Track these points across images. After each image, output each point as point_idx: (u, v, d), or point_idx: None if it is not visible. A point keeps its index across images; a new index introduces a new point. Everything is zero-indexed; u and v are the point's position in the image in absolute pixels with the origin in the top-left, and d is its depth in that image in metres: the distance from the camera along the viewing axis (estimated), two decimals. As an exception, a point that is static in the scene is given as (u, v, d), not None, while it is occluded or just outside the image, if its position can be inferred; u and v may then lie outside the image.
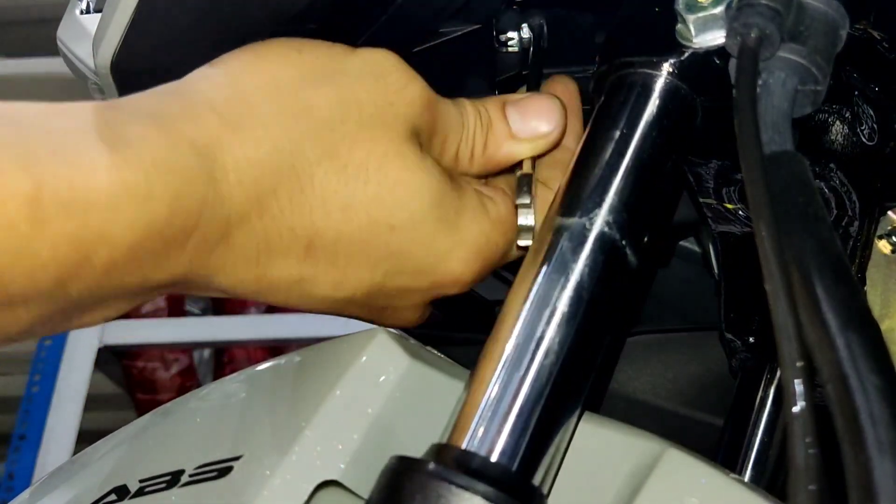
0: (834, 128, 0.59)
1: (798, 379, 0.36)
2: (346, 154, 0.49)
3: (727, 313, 0.64)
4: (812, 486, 0.35)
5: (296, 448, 0.48)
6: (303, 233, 0.48)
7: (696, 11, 0.50)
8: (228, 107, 0.47)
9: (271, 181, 0.47)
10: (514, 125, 0.56)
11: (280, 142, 0.47)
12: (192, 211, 0.44)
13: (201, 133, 0.45)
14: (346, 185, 0.49)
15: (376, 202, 0.49)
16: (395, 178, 0.50)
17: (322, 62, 0.51)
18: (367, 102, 0.50)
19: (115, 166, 0.42)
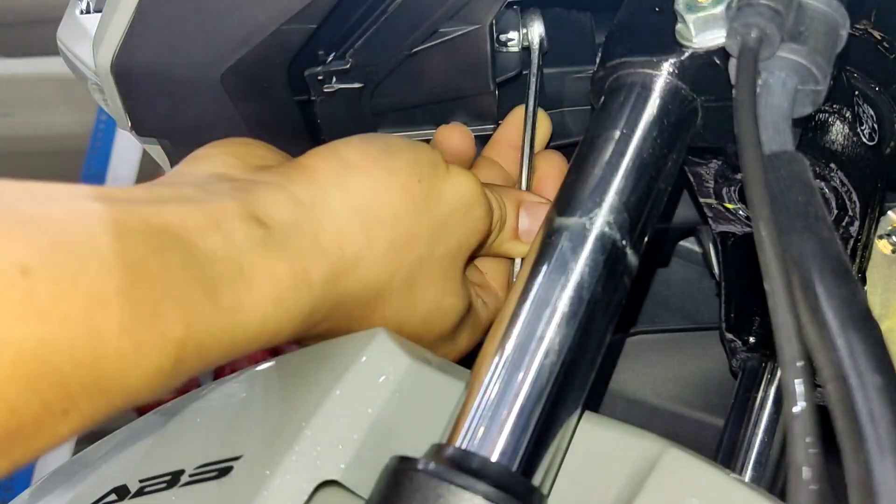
0: (834, 128, 0.59)
1: (798, 379, 0.36)
2: (420, 286, 0.54)
3: (727, 313, 0.64)
4: (812, 486, 0.35)
5: (296, 448, 0.48)
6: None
7: (696, 11, 0.50)
8: (353, 241, 0.50)
9: (355, 306, 0.51)
10: (522, 227, 0.60)
11: (381, 277, 0.51)
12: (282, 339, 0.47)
13: (323, 269, 0.48)
14: (408, 310, 0.54)
15: (421, 324, 0.55)
16: (443, 309, 0.55)
17: (430, 190, 0.53)
18: (453, 238, 0.54)
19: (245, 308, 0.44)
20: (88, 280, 0.38)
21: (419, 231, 0.53)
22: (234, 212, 0.46)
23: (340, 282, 0.49)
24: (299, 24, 0.56)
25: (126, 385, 0.39)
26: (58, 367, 0.37)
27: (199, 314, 0.42)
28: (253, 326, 0.44)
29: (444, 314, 0.56)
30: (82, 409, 0.38)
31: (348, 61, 0.62)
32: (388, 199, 0.52)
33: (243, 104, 0.61)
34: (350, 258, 0.50)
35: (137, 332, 0.39)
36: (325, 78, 0.62)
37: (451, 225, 0.54)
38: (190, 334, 0.41)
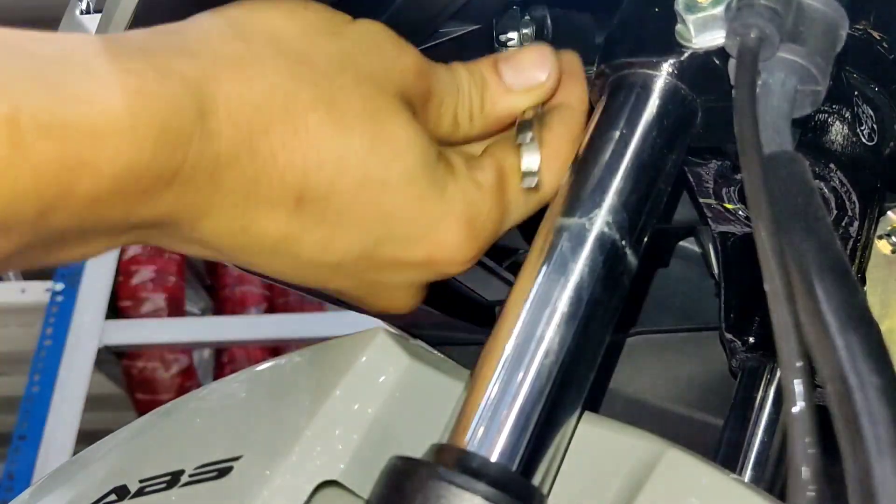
0: (834, 128, 0.59)
1: (798, 379, 0.36)
2: (342, 102, 0.48)
3: (727, 313, 0.64)
4: (812, 486, 0.35)
5: (296, 448, 0.48)
6: (294, 182, 0.46)
7: (696, 12, 0.50)
8: (225, 45, 0.46)
9: (264, 121, 0.45)
10: (507, 79, 0.55)
11: (276, 82, 0.46)
12: (180, 144, 0.42)
13: (193, 67, 0.44)
14: (341, 133, 0.47)
15: (371, 154, 0.48)
16: (389, 132, 0.49)
17: (324, 22, 0.50)
18: (364, 63, 0.49)
19: (97, 94, 0.40)
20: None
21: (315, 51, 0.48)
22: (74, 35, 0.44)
23: (225, 83, 0.44)
24: (299, 24, 0.56)
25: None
26: None
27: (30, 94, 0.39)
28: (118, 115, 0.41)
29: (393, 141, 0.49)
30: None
31: (348, 61, 0.62)
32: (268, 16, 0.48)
33: (243, 104, 0.61)
34: (229, 60, 0.45)
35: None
36: (325, 78, 0.62)
37: (360, 55, 0.50)
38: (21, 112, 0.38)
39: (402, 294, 0.53)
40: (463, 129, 0.55)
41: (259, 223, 0.47)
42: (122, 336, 2.74)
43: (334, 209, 0.48)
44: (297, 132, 0.46)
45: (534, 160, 0.53)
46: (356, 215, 0.48)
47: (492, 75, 0.55)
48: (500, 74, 0.55)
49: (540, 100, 0.56)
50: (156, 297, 2.95)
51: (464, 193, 0.51)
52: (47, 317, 2.67)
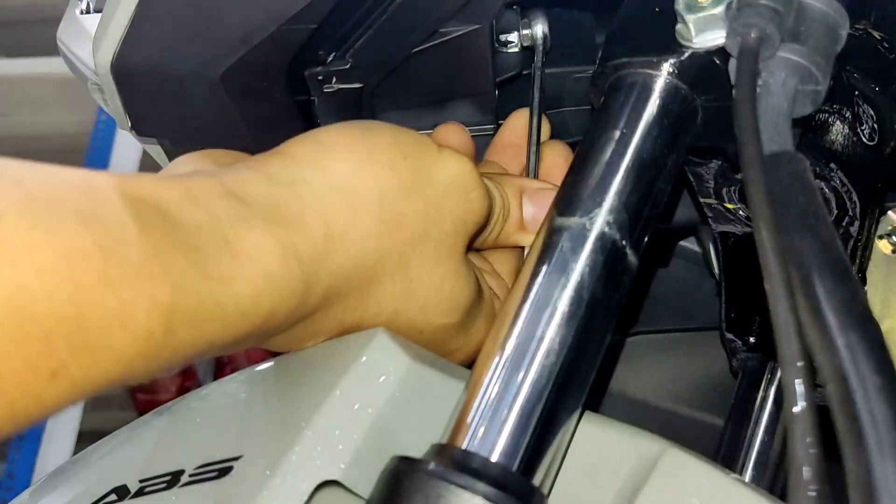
0: (834, 128, 0.59)
1: (798, 379, 0.36)
2: (416, 269, 0.52)
3: (727, 313, 0.64)
4: (812, 486, 0.35)
5: (296, 448, 0.48)
6: (348, 324, 0.51)
7: (696, 11, 0.50)
8: (338, 218, 0.49)
9: (348, 288, 0.50)
10: (526, 216, 0.60)
11: (371, 255, 0.50)
12: (280, 319, 0.46)
13: (310, 245, 0.47)
14: (404, 296, 0.52)
15: (421, 311, 0.53)
16: (445, 294, 0.54)
17: (418, 169, 0.52)
18: (447, 220, 0.53)
19: (235, 280, 0.43)
20: (64, 232, 0.37)
21: (409, 209, 0.51)
22: (211, 188, 0.45)
23: (330, 258, 0.48)
24: (299, 24, 0.56)
25: (115, 348, 0.38)
26: (37, 318, 0.36)
27: (186, 279, 0.41)
28: (246, 300, 0.44)
29: (446, 299, 0.54)
30: (72, 372, 0.37)
31: (348, 61, 0.62)
32: (372, 176, 0.51)
33: (243, 104, 0.61)
34: (337, 234, 0.49)
35: (122, 291, 0.38)
36: (325, 78, 0.62)
37: (445, 206, 0.53)
38: (178, 300, 0.40)
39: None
40: (475, 244, 0.59)
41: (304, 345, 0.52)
42: (122, 336, 2.73)
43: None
44: (370, 295, 0.51)
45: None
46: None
47: (516, 210, 0.59)
48: (521, 208, 0.60)
49: None
50: (156, 297, 2.94)
51: (484, 327, 0.57)
52: (47, 317, 2.67)
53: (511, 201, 0.59)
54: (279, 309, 0.46)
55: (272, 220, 0.46)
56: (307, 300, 0.47)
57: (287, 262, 0.46)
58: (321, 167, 0.50)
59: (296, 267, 0.46)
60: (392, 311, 0.52)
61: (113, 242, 0.39)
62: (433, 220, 0.52)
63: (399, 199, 0.51)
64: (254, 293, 0.44)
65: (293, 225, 0.47)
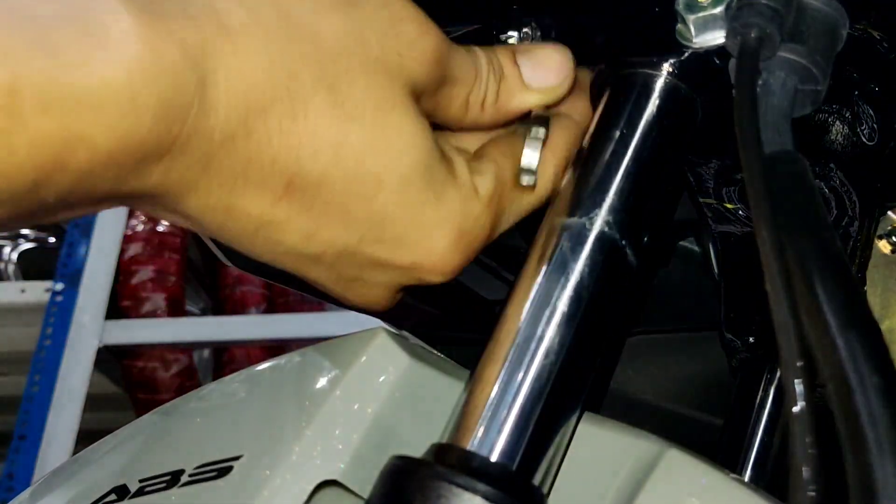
0: (834, 128, 0.59)
1: (798, 379, 0.36)
2: (345, 89, 0.45)
3: (727, 313, 0.64)
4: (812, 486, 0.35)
5: (296, 448, 0.48)
6: (286, 167, 0.45)
7: (696, 11, 0.50)
8: (230, 13, 0.43)
9: (263, 100, 0.43)
10: (525, 74, 0.54)
11: (279, 60, 0.44)
12: (177, 118, 0.41)
13: (195, 34, 0.41)
14: (340, 121, 0.45)
15: (369, 148, 0.46)
16: (393, 129, 0.46)
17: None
18: (374, 44, 0.47)
19: (98, 61, 0.38)
20: None
21: (324, 26, 0.46)
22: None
23: (228, 56, 0.42)
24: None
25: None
26: None
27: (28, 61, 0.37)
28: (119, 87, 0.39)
29: (396, 138, 0.47)
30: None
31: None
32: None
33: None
34: (233, 30, 0.43)
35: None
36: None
37: (373, 33, 0.47)
38: (20, 81, 0.36)
39: (379, 293, 0.51)
40: (471, 117, 0.53)
41: (244, 205, 0.45)
42: (122, 336, 2.74)
43: (323, 200, 0.46)
44: (295, 116, 0.44)
45: (534, 158, 0.52)
46: (345, 210, 0.47)
47: (511, 68, 0.53)
48: (518, 68, 0.54)
49: (553, 101, 0.55)
50: (156, 296, 2.95)
51: (461, 202, 0.49)
52: (47, 317, 2.67)
53: (503, 60, 0.53)
54: (167, 101, 0.40)
55: (147, 10, 0.41)
56: (208, 100, 0.42)
57: (167, 49, 0.40)
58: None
59: (179, 55, 0.41)
60: (333, 143, 0.45)
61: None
62: (356, 42, 0.46)
63: (309, 13, 0.45)
64: (126, 79, 0.39)
65: (174, 15, 0.41)
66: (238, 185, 0.44)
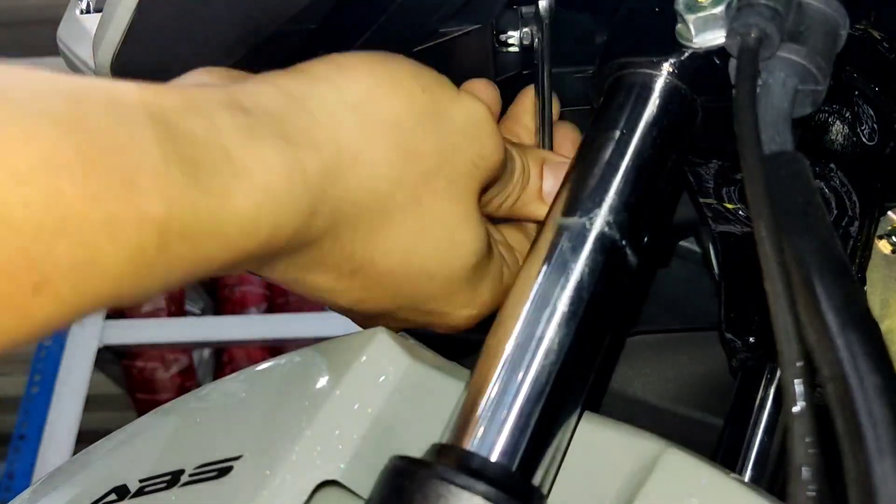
0: (834, 128, 0.59)
1: (798, 379, 0.36)
2: (427, 207, 0.50)
3: (727, 313, 0.64)
4: (812, 486, 0.35)
5: (296, 448, 0.48)
6: (358, 260, 0.49)
7: (696, 11, 0.50)
8: (350, 138, 0.47)
9: (357, 214, 0.48)
10: (546, 187, 0.58)
11: (382, 183, 0.48)
12: (286, 235, 0.44)
13: (316, 164, 0.45)
14: (417, 233, 0.50)
15: (434, 255, 0.51)
16: (458, 239, 0.52)
17: (436, 104, 0.51)
18: (461, 160, 0.51)
19: (234, 195, 0.41)
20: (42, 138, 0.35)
21: (423, 142, 0.50)
22: (216, 98, 0.43)
23: (339, 179, 0.46)
24: (299, 24, 0.56)
25: (103, 264, 0.37)
26: (14, 226, 0.34)
27: (180, 193, 0.39)
28: (246, 216, 0.41)
29: (458, 244, 0.52)
30: (58, 287, 0.36)
31: (348, 61, 0.62)
32: (389, 102, 0.49)
33: (243, 104, 0.61)
34: (348, 154, 0.47)
35: (109, 204, 0.36)
36: (325, 78, 0.62)
37: (459, 146, 0.51)
38: (172, 214, 0.38)
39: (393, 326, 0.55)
40: (489, 210, 0.57)
41: (312, 278, 0.49)
42: (121, 336, 2.74)
43: (381, 284, 0.51)
44: (381, 228, 0.49)
45: None
46: (395, 291, 0.51)
47: (536, 177, 0.58)
48: (541, 179, 0.58)
49: None
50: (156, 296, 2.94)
51: (491, 292, 0.55)
52: (47, 317, 2.66)
53: (532, 169, 0.58)
54: (282, 228, 0.44)
55: (278, 134, 0.44)
56: (313, 221, 0.45)
57: (291, 179, 0.44)
58: (337, 86, 0.48)
59: (300, 183, 0.44)
60: (403, 251, 0.50)
61: (97, 151, 0.37)
62: (447, 158, 0.51)
63: (414, 130, 0.50)
64: (254, 209, 0.42)
65: (301, 141, 0.45)
66: (312, 268, 0.49)
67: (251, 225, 0.42)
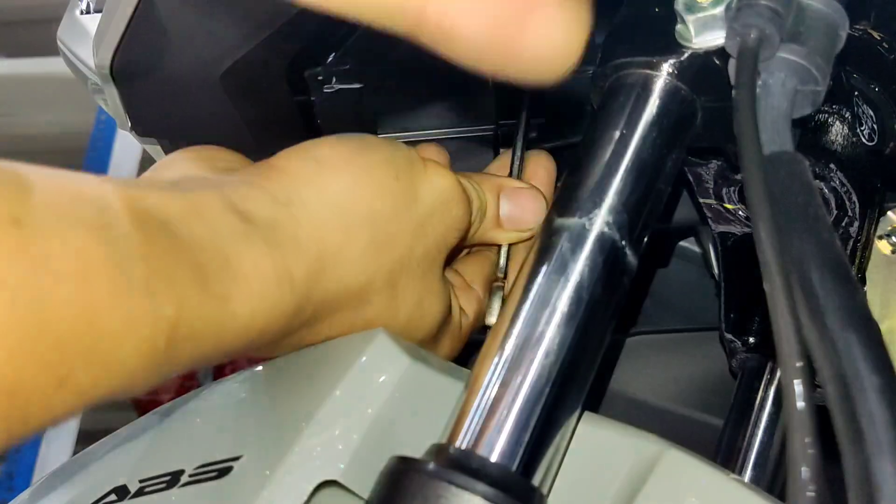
0: (834, 128, 0.59)
1: (798, 379, 0.36)
2: (401, 287, 0.53)
3: (727, 313, 0.64)
4: (812, 487, 0.35)
5: (296, 448, 0.48)
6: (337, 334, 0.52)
7: (696, 12, 0.50)
8: (332, 240, 0.50)
9: (338, 304, 0.51)
10: (503, 214, 0.60)
11: (362, 277, 0.51)
12: (276, 333, 0.48)
13: (304, 267, 0.48)
14: (392, 310, 0.53)
15: (404, 328, 0.54)
16: (425, 310, 0.55)
17: (407, 191, 0.54)
18: (432, 237, 0.55)
19: (233, 299, 0.44)
20: (79, 242, 0.38)
21: (398, 230, 0.53)
22: (215, 203, 0.46)
23: (322, 281, 0.49)
24: (299, 23, 0.56)
25: (121, 359, 0.39)
26: (53, 324, 0.36)
27: (189, 296, 0.41)
28: (242, 320, 0.44)
29: (426, 315, 0.56)
30: (80, 380, 0.38)
31: (348, 61, 0.62)
32: (366, 197, 0.52)
33: (243, 104, 0.61)
34: (330, 256, 0.50)
35: (130, 304, 0.39)
36: (325, 78, 0.62)
37: (430, 224, 0.54)
38: (182, 316, 0.41)
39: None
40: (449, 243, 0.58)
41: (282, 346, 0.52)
42: (122, 336, 2.73)
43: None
44: (358, 310, 0.52)
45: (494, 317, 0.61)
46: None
47: (493, 207, 0.60)
48: (499, 207, 0.60)
49: (516, 241, 0.62)
50: (156, 297, 2.94)
51: (450, 344, 0.59)
52: (47, 317, 2.67)
53: (488, 199, 0.60)
54: (271, 327, 0.47)
55: (270, 240, 0.47)
56: (297, 318, 0.48)
57: (281, 284, 0.47)
58: (317, 186, 0.51)
59: (289, 289, 0.47)
60: (382, 324, 0.53)
61: (121, 255, 0.39)
62: (419, 239, 0.54)
63: (390, 221, 0.52)
64: (250, 313, 0.45)
65: (289, 247, 0.48)
66: (292, 348, 0.53)
67: (245, 326, 0.45)
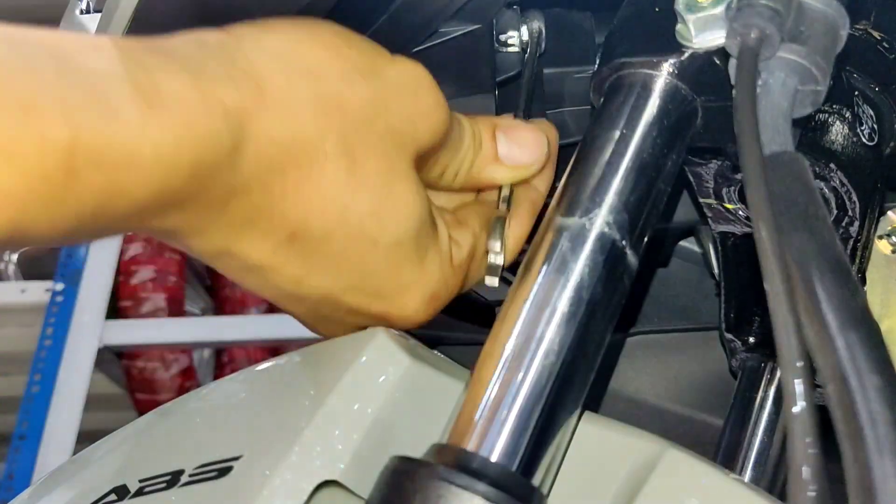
0: (834, 128, 0.59)
1: (798, 379, 0.36)
2: (361, 158, 0.49)
3: (727, 313, 0.64)
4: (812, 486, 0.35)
5: (296, 448, 0.48)
6: (293, 220, 0.48)
7: (696, 11, 0.50)
8: (269, 80, 0.46)
9: (285, 161, 0.46)
10: (501, 150, 0.57)
11: (307, 127, 0.47)
12: (208, 177, 0.43)
13: (235, 98, 0.44)
14: (351, 187, 0.49)
15: (372, 213, 0.49)
16: (397, 197, 0.50)
17: (366, 61, 0.50)
18: (396, 116, 0.50)
19: (149, 125, 0.41)
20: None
21: (351, 95, 0.49)
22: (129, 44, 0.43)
23: (262, 118, 0.45)
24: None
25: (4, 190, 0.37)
26: None
27: (86, 119, 0.39)
28: (164, 148, 0.41)
29: (399, 205, 0.50)
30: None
31: (348, 61, 0.62)
32: (312, 53, 0.49)
33: (243, 104, 0.61)
34: (269, 94, 0.46)
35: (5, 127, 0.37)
36: (325, 78, 0.62)
37: (395, 102, 0.50)
38: (79, 140, 0.38)
39: (345, 330, 0.54)
40: (444, 182, 0.57)
41: (246, 249, 0.48)
42: (122, 336, 2.74)
43: (320, 252, 0.49)
44: (311, 178, 0.47)
45: (498, 244, 0.57)
46: (338, 263, 0.50)
47: (489, 141, 0.57)
48: (495, 141, 0.57)
49: (519, 180, 0.59)
50: (156, 297, 2.94)
51: (439, 268, 0.53)
52: (47, 317, 2.67)
53: (483, 134, 0.57)
54: (205, 163, 0.43)
55: (195, 71, 0.44)
56: (237, 160, 0.45)
57: (210, 111, 0.43)
58: (256, 39, 0.48)
59: (220, 116, 0.43)
60: (339, 208, 0.48)
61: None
62: (379, 113, 0.50)
63: (340, 81, 0.49)
64: (173, 141, 0.41)
65: (220, 79, 0.44)
66: (244, 232, 0.47)
67: (170, 157, 0.41)
